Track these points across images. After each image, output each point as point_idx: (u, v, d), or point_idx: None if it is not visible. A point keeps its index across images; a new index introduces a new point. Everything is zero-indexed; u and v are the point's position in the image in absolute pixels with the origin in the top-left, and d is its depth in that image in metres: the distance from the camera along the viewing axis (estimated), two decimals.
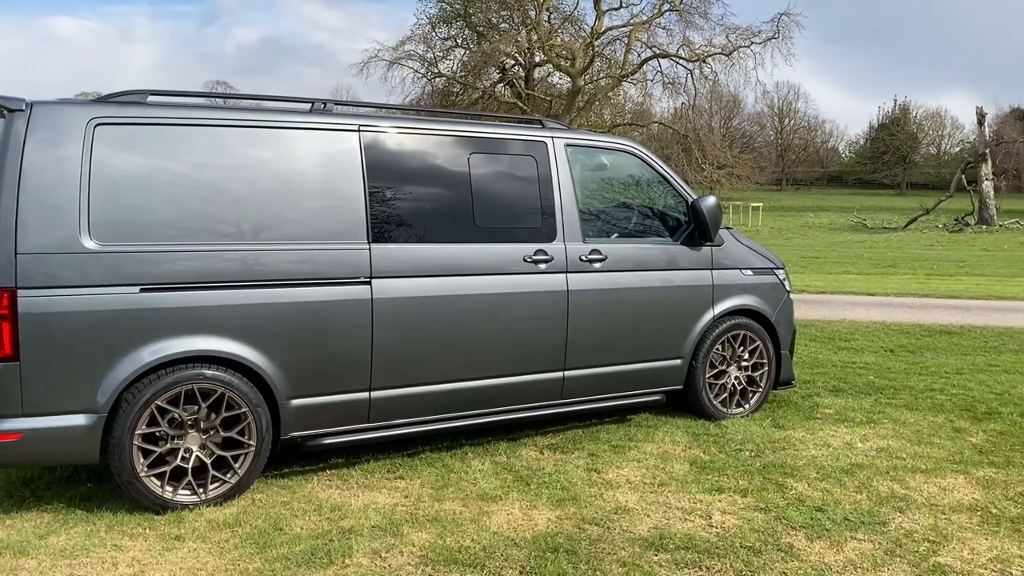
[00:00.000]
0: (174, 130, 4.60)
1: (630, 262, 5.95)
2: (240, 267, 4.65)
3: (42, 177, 4.25)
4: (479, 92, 44.94)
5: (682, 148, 47.14)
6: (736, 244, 6.55)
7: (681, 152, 47.30)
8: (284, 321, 4.76)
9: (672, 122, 48.84)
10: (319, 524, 4.41)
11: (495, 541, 4.22)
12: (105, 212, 4.36)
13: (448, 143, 5.37)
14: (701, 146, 46.82)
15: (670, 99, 48.52)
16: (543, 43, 43.43)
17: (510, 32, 44.77)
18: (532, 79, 46.83)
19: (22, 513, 4.51)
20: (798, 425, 6.30)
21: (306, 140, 4.93)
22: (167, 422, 4.53)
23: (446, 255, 5.21)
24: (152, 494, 4.50)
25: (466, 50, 46.34)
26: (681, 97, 46.61)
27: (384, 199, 5.07)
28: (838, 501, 4.80)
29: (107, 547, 4.11)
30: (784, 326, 6.74)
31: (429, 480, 5.06)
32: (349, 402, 5.00)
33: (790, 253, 24.09)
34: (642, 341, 6.04)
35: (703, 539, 4.28)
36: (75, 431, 4.34)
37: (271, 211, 4.77)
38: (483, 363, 5.39)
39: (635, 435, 5.99)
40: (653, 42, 44.27)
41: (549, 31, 44.16)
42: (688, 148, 46.59)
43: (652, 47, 44.29)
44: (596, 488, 4.97)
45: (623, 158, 6.24)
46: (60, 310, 4.25)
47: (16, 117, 4.27)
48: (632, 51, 43.88)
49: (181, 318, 4.51)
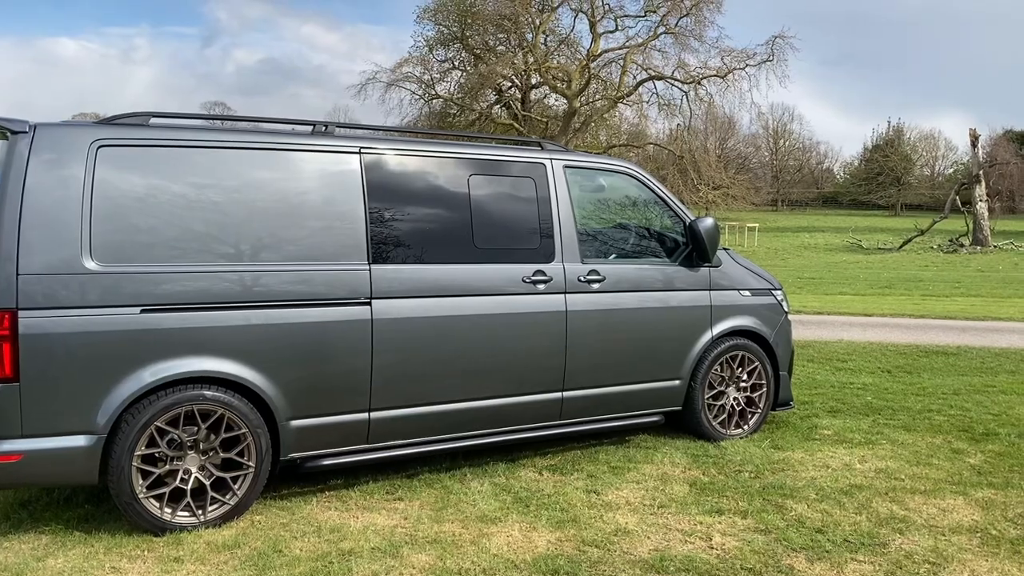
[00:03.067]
0: (176, 152, 4.63)
1: (628, 283, 5.97)
2: (241, 288, 4.66)
3: (44, 198, 4.27)
4: (476, 114, 45.24)
5: (678, 169, 47.39)
6: (734, 265, 6.58)
7: (677, 173, 47.55)
8: (284, 342, 4.76)
9: (667, 143, 49.13)
10: (319, 546, 4.39)
11: (495, 563, 4.21)
12: (107, 233, 4.38)
13: (448, 164, 5.41)
14: (696, 167, 47.08)
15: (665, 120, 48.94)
16: (539, 65, 43.75)
17: (507, 54, 45.13)
18: (528, 101, 47.15)
19: (20, 535, 4.49)
20: (797, 446, 6.30)
21: (308, 162, 4.96)
22: (166, 443, 4.52)
23: (445, 276, 5.23)
24: (151, 516, 4.48)
25: (463, 72, 46.68)
26: (676, 118, 47.02)
27: (384, 220, 5.10)
28: (838, 523, 4.79)
29: (105, 569, 4.09)
30: (782, 347, 6.76)
31: (428, 501, 5.05)
32: (348, 423, 5.00)
33: (786, 274, 24.14)
34: (641, 362, 6.05)
35: (704, 561, 4.27)
36: (75, 452, 4.33)
37: (272, 232, 4.78)
38: (482, 384, 5.40)
39: (634, 456, 5.99)
40: (648, 64, 44.68)
41: (545, 53, 44.50)
42: (684, 169, 46.84)
43: (647, 69, 44.66)
44: (596, 510, 4.96)
45: (621, 179, 6.28)
46: (61, 331, 4.26)
47: (19, 139, 4.29)
48: (628, 73, 44.25)
49: (182, 339, 4.51)
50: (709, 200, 48.63)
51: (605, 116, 46.80)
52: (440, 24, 45.64)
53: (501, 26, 44.81)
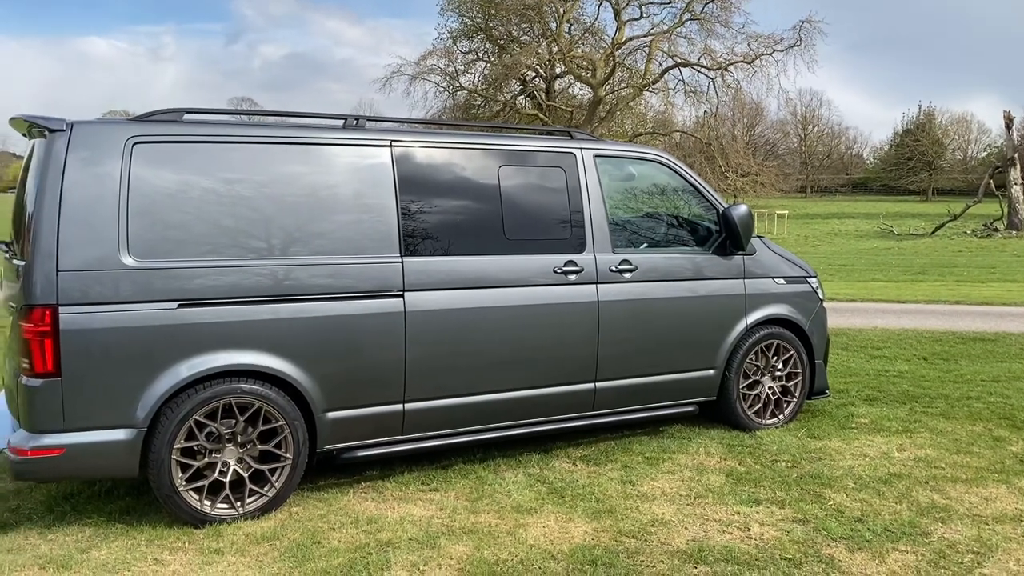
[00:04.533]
0: (210, 147, 4.66)
1: (661, 272, 5.93)
2: (276, 282, 4.68)
3: (82, 195, 4.31)
4: (500, 105, 45.09)
5: (705, 156, 47.01)
6: (768, 253, 6.51)
7: (704, 160, 47.18)
8: (319, 335, 4.79)
9: (694, 131, 48.73)
10: (356, 537, 4.42)
11: (532, 554, 4.21)
12: (143, 229, 4.42)
13: (478, 156, 5.39)
14: (724, 154, 46.67)
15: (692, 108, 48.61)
16: (564, 55, 43.52)
17: (531, 44, 44.93)
18: (553, 91, 46.95)
19: (63, 527, 4.56)
20: (833, 435, 6.23)
21: (340, 156, 4.98)
22: (205, 436, 4.56)
23: (477, 267, 5.23)
24: (191, 508, 4.53)
25: (487, 63, 46.53)
26: (703, 105, 46.60)
27: (416, 213, 5.10)
28: (878, 512, 4.74)
29: (148, 561, 4.15)
30: (818, 335, 6.68)
31: (463, 492, 5.06)
32: (383, 414, 5.02)
33: (817, 261, 23.88)
34: (674, 352, 6.01)
35: (742, 551, 4.24)
36: (115, 446, 4.38)
37: (305, 226, 4.80)
38: (515, 375, 5.39)
39: (668, 447, 5.96)
40: (674, 51, 44.29)
41: (570, 42, 44.25)
42: (711, 156, 46.44)
43: (673, 56, 44.28)
44: (631, 500, 4.94)
45: (653, 168, 6.23)
46: (100, 326, 4.31)
47: (57, 137, 4.34)
48: (653, 61, 43.89)
49: (219, 333, 4.55)
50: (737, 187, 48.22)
51: (631, 104, 46.47)
52: (464, 15, 45.54)
53: (525, 16, 44.62)
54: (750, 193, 49.82)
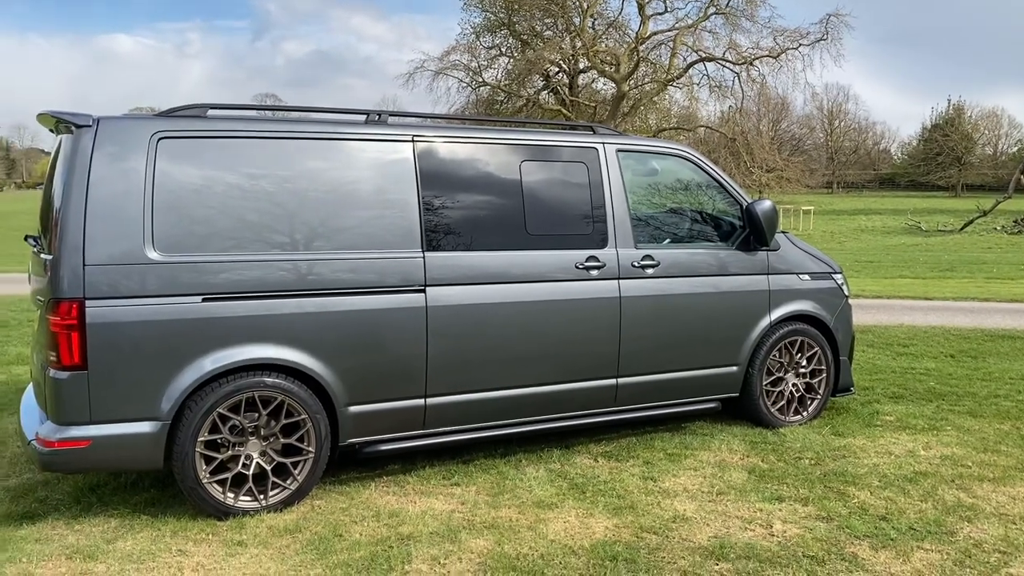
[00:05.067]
0: (234, 143, 4.69)
1: (684, 268, 5.90)
2: (298, 276, 4.71)
3: (108, 190, 4.36)
4: (523, 100, 45.01)
5: (730, 152, 46.66)
6: (793, 248, 6.46)
7: (729, 156, 46.83)
8: (341, 329, 4.81)
9: (719, 125, 48.36)
10: (378, 530, 4.44)
11: (553, 549, 4.21)
12: (168, 224, 4.46)
13: (500, 151, 5.39)
14: (749, 149, 46.30)
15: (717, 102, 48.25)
16: (587, 49, 43.35)
17: (554, 39, 44.78)
18: (576, 86, 46.75)
19: (90, 518, 4.62)
20: (858, 432, 6.17)
21: (362, 151, 4.99)
22: (228, 429, 4.60)
23: (498, 262, 5.22)
24: (214, 500, 4.58)
25: (510, 58, 46.44)
26: (728, 100, 46.16)
27: (437, 208, 5.11)
28: (902, 510, 4.69)
29: (172, 552, 4.19)
30: (843, 332, 6.62)
31: (484, 487, 5.07)
32: (405, 409, 5.03)
33: (844, 257, 23.68)
34: (697, 348, 5.98)
35: (764, 548, 4.21)
36: (140, 438, 4.43)
37: (328, 221, 4.83)
38: (536, 370, 5.39)
39: (691, 443, 5.93)
40: (699, 46, 43.94)
41: (593, 37, 44.07)
42: (736, 152, 46.09)
43: (698, 51, 43.95)
44: (653, 496, 4.92)
45: (676, 163, 6.19)
46: (126, 320, 4.35)
47: (83, 132, 4.38)
48: (677, 55, 43.58)
49: (242, 327, 4.58)
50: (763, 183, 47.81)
51: (655, 99, 46.20)
52: (487, 11, 45.45)
53: (548, 11, 44.47)
54: (775, 188, 49.39)
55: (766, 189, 47.51)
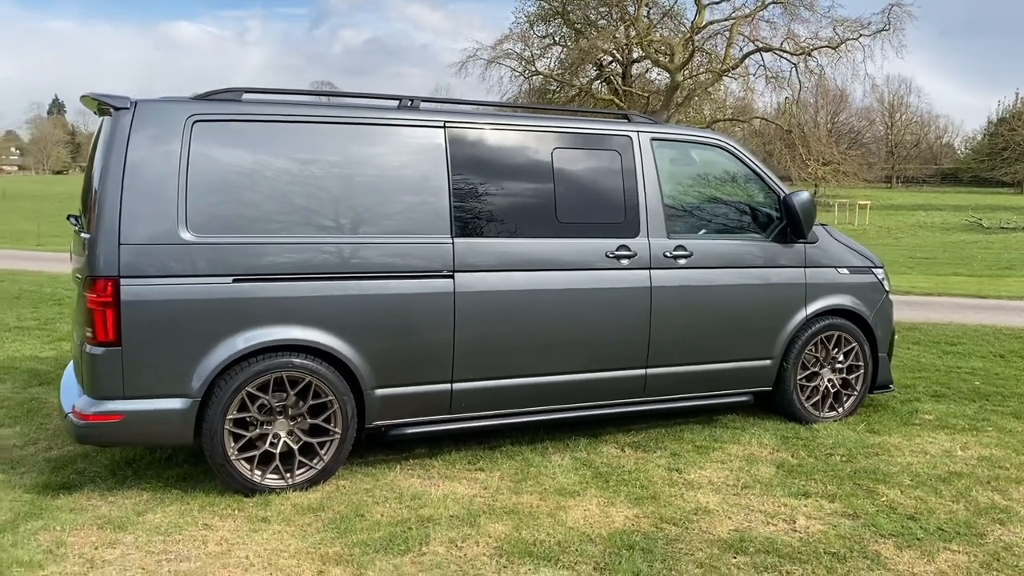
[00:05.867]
0: (267, 126, 4.76)
1: (717, 259, 5.83)
2: (328, 259, 4.77)
3: (144, 172, 4.46)
4: (576, 89, 44.77)
5: (785, 144, 45.87)
6: (831, 241, 6.33)
7: (784, 148, 46.03)
8: (370, 312, 4.86)
9: (775, 117, 47.54)
10: (399, 512, 4.49)
11: (570, 536, 4.21)
12: (201, 205, 4.55)
13: (532, 138, 5.38)
14: (806, 142, 45.45)
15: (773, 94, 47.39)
16: (641, 39, 42.90)
17: (608, 28, 44.42)
18: (630, 75, 46.34)
19: (123, 491, 4.75)
20: (894, 431, 6.05)
21: (393, 136, 5.03)
22: (257, 408, 4.69)
23: (527, 250, 5.22)
24: (242, 477, 4.67)
25: (564, 48, 46.22)
26: (784, 92, 45.31)
27: (468, 194, 5.12)
28: (932, 510, 4.59)
29: (198, 526, 4.29)
30: (882, 328, 6.47)
31: (508, 473, 5.09)
32: (431, 393, 5.07)
33: (897, 253, 23.15)
34: (729, 340, 5.90)
35: (785, 543, 4.16)
36: (171, 414, 4.54)
37: (358, 205, 4.88)
38: (563, 358, 5.38)
39: (720, 436, 5.87)
40: (756, 36, 43.14)
41: (648, 26, 43.60)
42: (792, 144, 45.28)
43: (755, 41, 43.16)
44: (676, 488, 4.89)
45: (712, 152, 6.11)
46: (159, 298, 4.46)
47: (121, 115, 4.49)
48: (733, 45, 42.87)
49: (271, 308, 4.66)
50: (819, 176, 46.91)
51: (709, 90, 45.60)
52: (541, 0, 45.29)
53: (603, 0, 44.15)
54: (831, 182, 48.41)
55: (822, 183, 46.65)
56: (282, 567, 3.86)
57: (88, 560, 3.90)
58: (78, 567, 3.83)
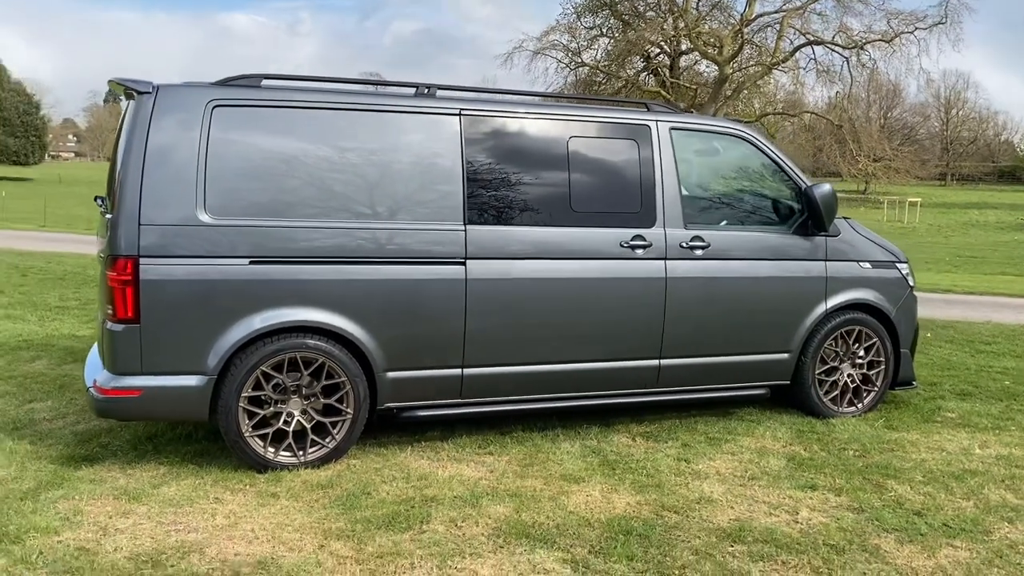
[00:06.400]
0: (285, 112, 4.87)
1: (735, 250, 5.80)
2: (342, 244, 4.86)
3: (165, 155, 4.60)
4: (622, 81, 44.49)
5: (835, 139, 45.08)
6: (854, 235, 6.26)
7: (834, 144, 45.26)
8: (383, 297, 4.95)
9: (826, 112, 46.71)
10: (404, 491, 4.58)
11: (569, 520, 4.26)
12: (219, 188, 4.67)
13: (548, 126, 5.41)
14: (856, 137, 44.59)
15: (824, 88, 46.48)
16: (690, 31, 42.45)
17: (656, 20, 44.03)
18: (677, 67, 45.92)
19: (142, 464, 4.91)
20: (913, 427, 5.97)
21: (409, 123, 5.10)
22: (271, 387, 4.81)
23: (540, 238, 5.26)
24: (255, 453, 4.80)
25: (611, 39, 45.92)
26: (836, 86, 44.47)
27: (481, 181, 5.17)
28: (940, 506, 4.54)
29: (209, 499, 4.43)
30: (905, 324, 6.38)
31: (516, 457, 5.15)
32: (442, 377, 5.15)
33: (945, 251, 22.69)
34: (746, 333, 5.88)
35: (784, 534, 4.15)
36: (187, 391, 4.68)
37: (372, 191, 4.96)
38: (575, 347, 5.41)
39: (735, 428, 5.85)
40: (807, 28, 42.42)
41: (697, 18, 43.12)
42: (842, 139, 44.48)
43: (806, 34, 42.45)
44: (683, 477, 4.90)
45: (732, 143, 6.07)
46: (177, 278, 4.60)
47: (144, 99, 4.64)
48: (784, 38, 42.20)
49: (286, 290, 4.77)
50: (869, 173, 46.03)
51: (759, 83, 44.96)
52: None
53: None
54: (882, 179, 47.51)
55: (872, 179, 45.81)
56: (285, 540, 3.97)
57: (102, 528, 4.05)
58: (91, 534, 3.99)
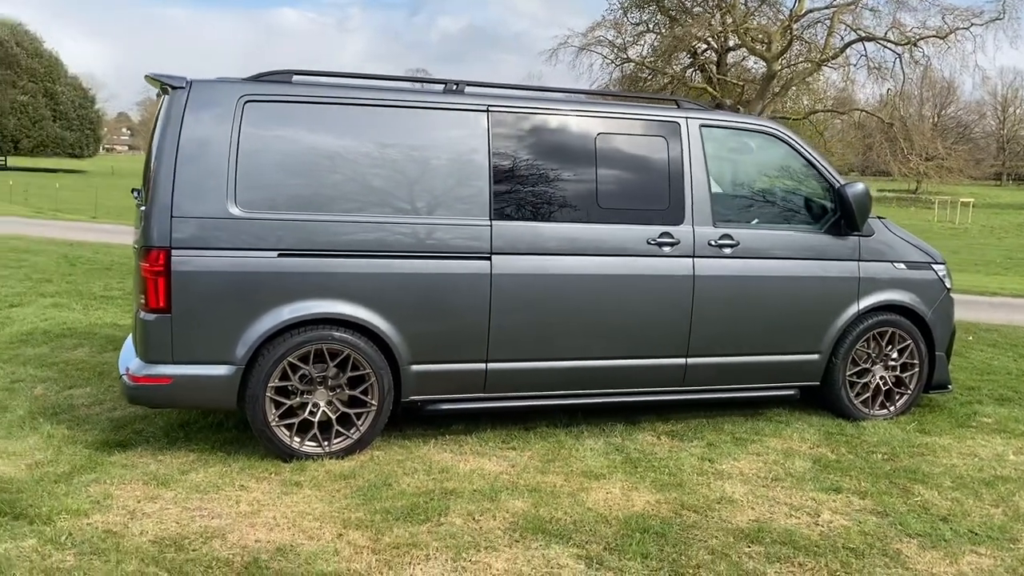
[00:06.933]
0: (315, 108, 4.94)
1: (765, 249, 5.74)
2: (368, 238, 4.92)
3: (197, 148, 4.70)
4: (668, 77, 44.13)
5: (886, 138, 44.22)
6: (888, 235, 6.15)
7: (884, 142, 44.42)
8: (408, 290, 5.00)
9: (877, 109, 45.83)
10: (425, 483, 4.62)
11: (587, 516, 4.27)
12: (250, 182, 4.76)
13: (575, 122, 5.40)
14: (908, 136, 43.70)
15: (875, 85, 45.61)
16: (738, 26, 41.94)
17: (704, 15, 43.59)
18: (725, 64, 45.39)
19: (173, 451, 5.03)
20: (947, 432, 5.86)
21: (437, 119, 5.14)
22: (298, 378, 4.89)
23: (566, 234, 5.26)
24: (281, 443, 4.89)
25: (657, 35, 45.59)
26: (887, 83, 43.62)
27: (508, 177, 5.19)
28: (967, 512, 4.45)
29: (235, 487, 4.52)
30: (941, 326, 6.26)
31: (539, 453, 5.17)
32: (466, 371, 5.18)
33: (996, 253, 22.15)
34: (775, 333, 5.81)
35: (803, 536, 4.12)
36: (216, 380, 4.78)
37: (400, 186, 5.01)
38: (600, 343, 5.41)
39: (762, 429, 5.80)
40: (858, 24, 41.65)
41: (745, 14, 42.58)
42: (893, 138, 43.63)
43: (857, 30, 41.67)
44: (705, 477, 4.88)
45: (764, 140, 6.01)
46: (207, 269, 4.70)
47: (178, 94, 4.74)
48: (835, 34, 41.49)
49: (314, 282, 4.85)
50: (920, 172, 45.12)
51: (807, 80, 44.26)
52: None
53: None
54: (934, 178, 46.56)
55: (924, 178, 44.86)
56: (304, 528, 4.04)
57: (130, 512, 4.17)
58: (119, 517, 4.10)
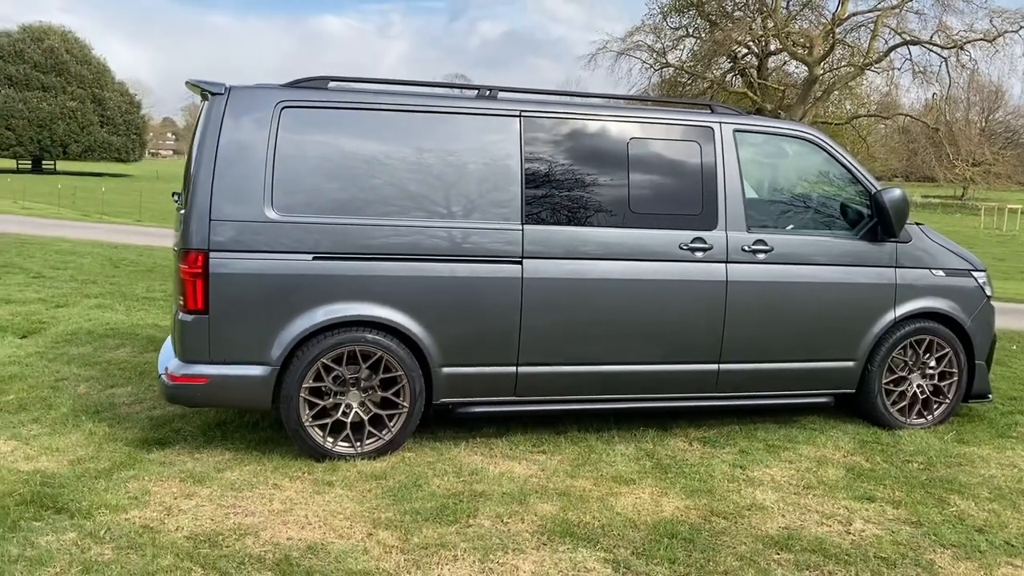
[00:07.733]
0: (349, 113, 5.02)
1: (799, 255, 5.69)
2: (402, 241, 4.98)
3: (235, 153, 4.80)
4: (708, 82, 43.83)
5: (931, 143, 43.43)
6: (927, 242, 6.06)
7: (929, 147, 43.63)
8: (440, 294, 5.05)
9: (922, 114, 45.03)
10: (455, 485, 4.66)
11: (615, 521, 4.27)
12: (286, 186, 4.85)
13: (608, 128, 5.42)
14: (954, 141, 42.84)
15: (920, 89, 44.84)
16: (779, 30, 41.53)
17: (744, 19, 43.21)
18: (766, 68, 44.95)
19: (210, 449, 5.13)
20: (986, 442, 5.76)
21: (469, 124, 5.19)
22: (331, 379, 4.96)
23: (597, 239, 5.27)
24: (314, 443, 4.96)
25: (697, 39, 45.28)
26: (932, 87, 42.84)
27: (539, 182, 5.22)
28: (1004, 524, 4.38)
29: (268, 485, 4.60)
30: (981, 334, 6.15)
31: (569, 457, 5.18)
32: (497, 374, 5.22)
33: None
34: (809, 339, 5.76)
35: (834, 544, 4.08)
36: (252, 380, 4.87)
37: (433, 190, 5.06)
38: (631, 349, 5.41)
39: (796, 436, 5.75)
40: (903, 28, 40.99)
41: (786, 18, 42.16)
42: (938, 143, 42.83)
43: (901, 33, 41.03)
44: (736, 484, 4.85)
45: (799, 145, 5.96)
46: (244, 272, 4.79)
47: (217, 99, 4.85)
48: (878, 38, 40.89)
49: (347, 285, 4.92)
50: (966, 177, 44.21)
51: (850, 84, 43.66)
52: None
53: None
54: (981, 184, 45.57)
55: (971, 184, 43.98)
56: (335, 527, 4.10)
57: (166, 508, 4.26)
58: (156, 513, 4.20)
